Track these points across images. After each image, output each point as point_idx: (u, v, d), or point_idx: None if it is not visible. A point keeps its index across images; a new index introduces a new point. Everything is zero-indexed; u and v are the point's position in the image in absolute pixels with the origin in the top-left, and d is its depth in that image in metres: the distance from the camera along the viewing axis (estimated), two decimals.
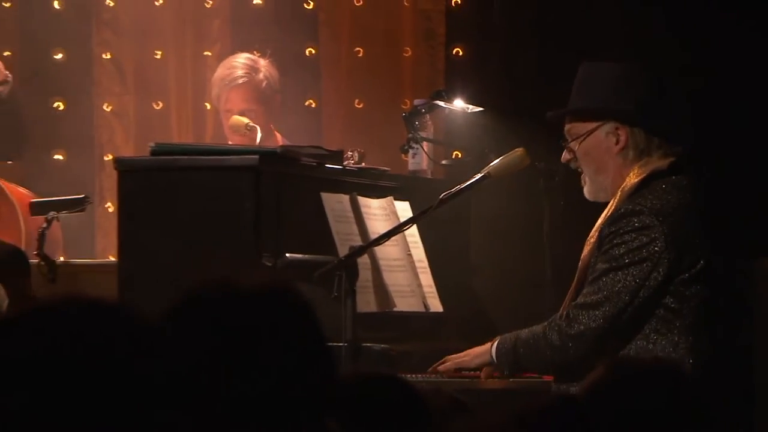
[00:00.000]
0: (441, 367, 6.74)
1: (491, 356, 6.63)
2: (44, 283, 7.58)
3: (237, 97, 8.63)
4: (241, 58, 8.80)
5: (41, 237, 7.77)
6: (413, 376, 6.60)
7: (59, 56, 9.94)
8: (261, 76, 8.71)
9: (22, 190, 8.44)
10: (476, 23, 9.43)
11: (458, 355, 6.73)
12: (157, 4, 9.89)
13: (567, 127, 6.75)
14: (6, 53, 9.62)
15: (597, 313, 6.49)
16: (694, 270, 6.50)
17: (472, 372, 6.73)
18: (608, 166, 6.70)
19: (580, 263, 6.73)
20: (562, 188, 7.25)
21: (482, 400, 6.38)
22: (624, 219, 6.55)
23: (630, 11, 9.25)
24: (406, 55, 9.41)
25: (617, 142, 6.65)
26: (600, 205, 6.74)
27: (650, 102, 6.81)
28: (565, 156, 6.74)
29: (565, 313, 6.58)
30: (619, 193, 6.61)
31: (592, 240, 6.66)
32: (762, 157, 8.52)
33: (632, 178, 6.61)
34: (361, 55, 9.52)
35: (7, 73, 8.73)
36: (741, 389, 6.51)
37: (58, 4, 9.62)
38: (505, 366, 6.64)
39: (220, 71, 8.84)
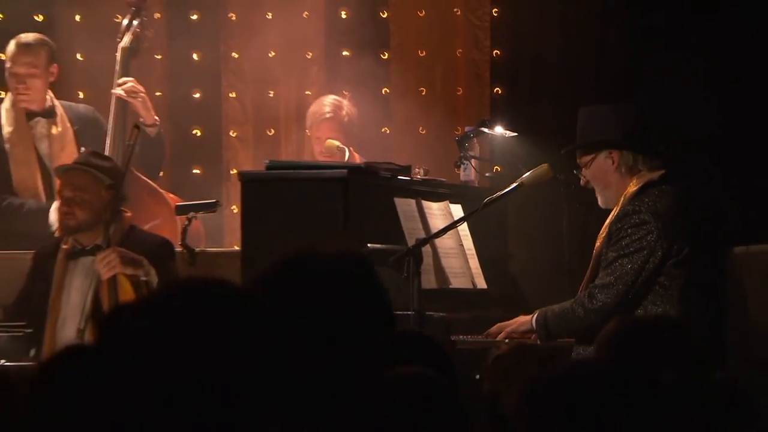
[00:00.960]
0: (493, 331, 6.72)
1: (532, 325, 6.64)
2: (186, 266, 7.53)
3: (325, 128, 8.57)
4: (330, 98, 8.69)
5: (184, 231, 7.60)
6: (466, 337, 6.72)
7: (197, 95, 9.87)
8: (343, 113, 8.60)
9: (171, 195, 8.42)
10: (512, 71, 9.27)
11: (506, 323, 6.70)
12: (270, 55, 9.76)
13: (578, 159, 6.81)
14: (157, 93, 9.48)
15: (611, 291, 6.52)
16: (680, 256, 6.55)
17: (517, 335, 6.71)
18: (611, 181, 6.73)
19: (594, 252, 6.75)
20: (576, 195, 7.20)
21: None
22: (627, 217, 6.58)
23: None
24: (459, 93, 9.28)
25: (613, 163, 6.71)
26: (607, 211, 6.77)
27: (632, 131, 6.84)
28: (582, 180, 6.80)
29: (586, 292, 6.60)
30: (622, 199, 6.65)
31: (603, 234, 6.69)
32: (729, 171, 8.29)
33: (631, 187, 6.65)
34: (424, 93, 9.37)
35: (156, 117, 8.61)
36: (717, 349, 6.53)
37: (197, 56, 9.63)
38: (542, 332, 6.62)
39: (313, 108, 8.78)
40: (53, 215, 7.91)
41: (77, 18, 9.55)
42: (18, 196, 8.15)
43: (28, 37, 8.56)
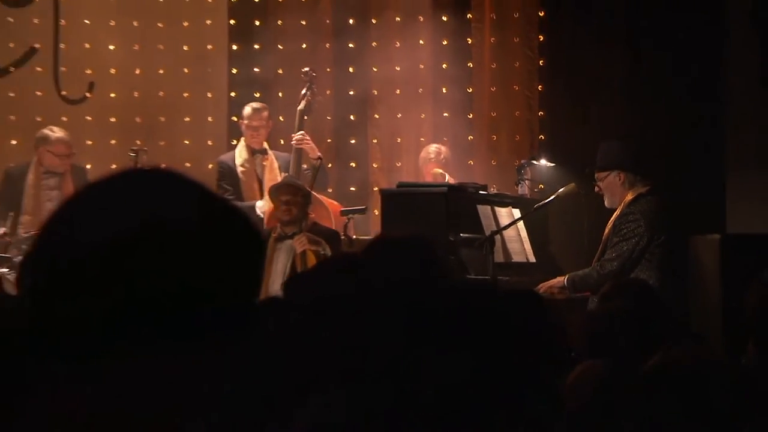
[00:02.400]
0: (540, 287, 6.55)
1: (564, 284, 6.60)
2: (346, 247, 7.35)
3: (431, 165, 8.21)
4: (433, 147, 8.33)
5: (345, 227, 7.70)
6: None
7: (353, 142, 9.30)
8: (441, 156, 8.25)
9: (335, 202, 8.16)
10: (551, 126, 8.73)
11: (547, 282, 6.62)
12: (397, 116, 9.19)
13: (596, 175, 6.74)
14: (328, 140, 9.09)
15: (614, 263, 6.50)
16: (659, 241, 6.55)
17: (553, 291, 6.59)
18: (616, 191, 6.66)
19: (603, 238, 6.70)
20: (592, 203, 7.11)
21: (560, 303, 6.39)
22: (625, 216, 6.57)
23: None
24: (517, 139, 8.82)
25: (619, 180, 6.63)
26: (611, 210, 6.73)
27: (632, 160, 6.76)
28: (597, 189, 6.73)
29: (598, 263, 6.59)
30: (622, 204, 6.63)
31: (609, 227, 6.67)
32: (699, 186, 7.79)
33: (629, 196, 6.61)
34: (495, 139, 8.92)
35: (319, 154, 8.19)
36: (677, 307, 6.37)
37: (354, 117, 9.10)
38: (570, 289, 6.58)
39: (423, 153, 8.42)
40: (258, 210, 7.81)
41: (280, 95, 9.14)
42: (243, 201, 7.87)
43: (259, 104, 8.30)
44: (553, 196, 6.98)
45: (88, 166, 8.30)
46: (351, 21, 9.11)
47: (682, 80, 7.85)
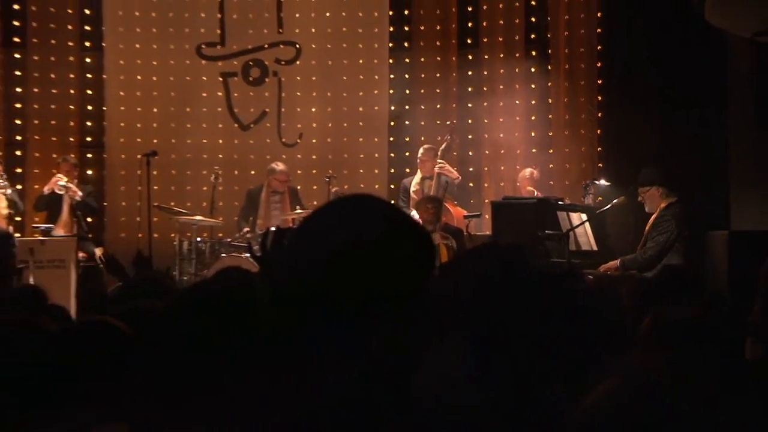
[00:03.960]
0: (601, 267, 6.35)
1: (618, 265, 6.33)
2: (467, 242, 7.19)
3: (526, 183, 7.88)
4: (527, 171, 8.00)
5: (467, 227, 7.45)
6: (587, 271, 6.18)
7: (471, 169, 8.88)
8: (533, 178, 7.92)
9: (459, 209, 7.87)
10: (607, 157, 8.30)
11: (606, 264, 6.39)
12: (501, 152, 8.83)
13: (639, 189, 6.54)
14: (455, 168, 8.33)
15: (653, 250, 6.26)
16: (684, 235, 6.32)
17: (610, 270, 6.31)
18: (655, 201, 6.45)
19: (644, 233, 6.44)
20: (636, 208, 6.76)
21: (614, 278, 6.08)
22: (661, 218, 6.36)
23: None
24: (583, 166, 8.42)
25: (658, 192, 6.44)
26: (649, 214, 6.50)
27: (666, 179, 6.52)
28: (640, 199, 6.53)
29: (642, 251, 6.36)
30: (658, 210, 6.42)
31: (649, 225, 6.44)
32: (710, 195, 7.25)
33: (663, 204, 6.42)
34: (568, 167, 8.51)
35: (458, 176, 8.01)
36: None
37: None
38: (621, 268, 6.28)
39: (519, 176, 8.08)
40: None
41: (422, 138, 8.59)
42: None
43: (428, 145, 8.03)
44: (609, 205, 6.87)
45: (299, 187, 8.37)
46: (469, 89, 8.98)
47: (698, 122, 7.52)
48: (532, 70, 8.68)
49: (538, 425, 1.38)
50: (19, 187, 8.04)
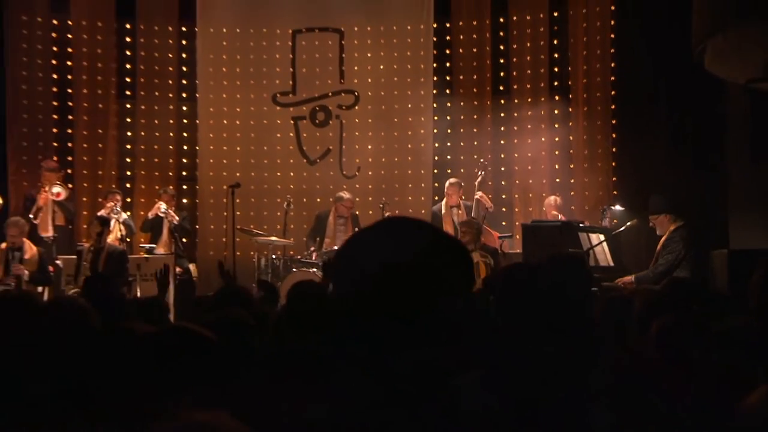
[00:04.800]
0: (616, 281, 6.23)
1: (632, 280, 6.23)
2: (502, 259, 7.14)
3: (550, 209, 7.73)
4: (552, 198, 7.87)
5: (501, 246, 7.54)
6: (605, 284, 6.04)
7: (503, 197, 8.74)
8: (559, 202, 7.77)
9: (495, 231, 7.78)
10: (622, 189, 8.07)
11: (621, 278, 6.27)
12: (529, 182, 8.73)
13: (650, 216, 6.48)
14: (490, 196, 8.15)
15: (663, 267, 6.18)
16: (690, 254, 6.27)
17: (625, 284, 6.21)
18: (664, 224, 6.36)
19: (656, 252, 6.35)
20: (647, 230, 6.71)
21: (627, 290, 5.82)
22: (671, 239, 6.29)
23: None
24: (600, 194, 8.28)
25: (667, 218, 6.36)
26: (659, 236, 6.42)
27: (674, 206, 6.49)
28: (651, 224, 6.45)
29: (653, 267, 6.28)
30: (668, 232, 6.33)
31: (660, 245, 6.37)
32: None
33: (671, 227, 6.34)
34: (587, 194, 8.39)
35: (491, 204, 7.83)
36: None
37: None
38: (636, 283, 6.15)
39: (545, 202, 7.94)
40: None
41: (462, 170, 8.56)
42: None
43: (455, 179, 7.97)
44: (623, 227, 6.82)
45: (357, 213, 8.42)
46: (502, 129, 8.95)
47: (700, 155, 7.41)
48: (556, 112, 8.70)
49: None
50: (128, 213, 8.22)
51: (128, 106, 8.94)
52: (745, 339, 1.90)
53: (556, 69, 8.74)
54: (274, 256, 7.77)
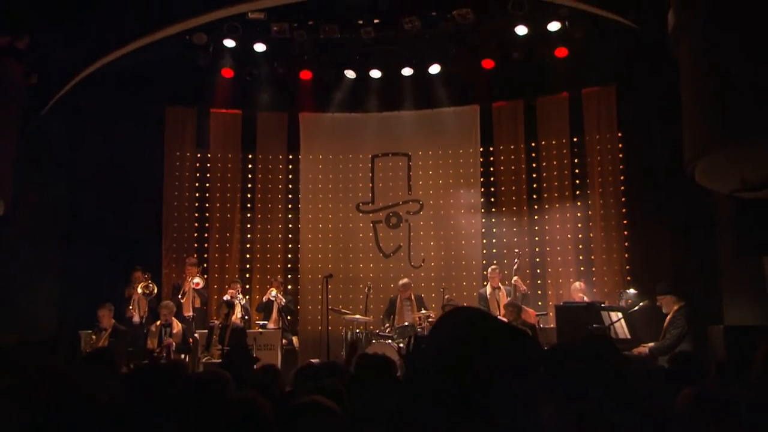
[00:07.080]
0: (633, 350, 6.01)
1: (647, 350, 6.09)
2: (540, 334, 7.05)
3: (576, 293, 7.50)
4: (578, 283, 7.68)
5: (538, 323, 7.31)
6: (626, 353, 5.70)
7: (539, 282, 8.78)
8: (584, 286, 7.59)
9: (532, 310, 7.50)
10: (634, 262, 7.97)
11: (637, 348, 6.09)
12: (558, 270, 8.72)
13: (658, 297, 6.35)
14: (527, 281, 8.35)
15: (670, 341, 6.09)
16: (692, 329, 6.17)
17: (641, 353, 6.07)
18: (670, 305, 6.28)
19: (663, 328, 6.22)
20: (656, 310, 6.49)
21: (640, 359, 5.88)
22: (676, 316, 6.22)
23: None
24: (616, 279, 8.02)
25: (672, 300, 6.29)
26: (666, 314, 6.29)
27: (675, 288, 6.36)
28: (658, 303, 6.22)
29: (662, 340, 6.15)
30: (672, 311, 6.26)
31: (666, 322, 6.26)
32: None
33: (675, 307, 6.27)
34: (605, 279, 8.17)
35: (526, 288, 7.85)
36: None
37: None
38: (649, 353, 6.03)
39: (572, 287, 7.65)
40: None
41: (504, 261, 8.72)
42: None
43: (495, 265, 7.98)
44: (636, 307, 6.74)
45: (422, 295, 8.59)
46: (536, 228, 9.10)
47: (698, 245, 7.36)
48: (578, 214, 8.87)
49: None
50: (247, 297, 8.64)
51: (248, 215, 9.55)
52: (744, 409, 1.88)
53: (577, 181, 9.03)
54: (357, 330, 8.03)
